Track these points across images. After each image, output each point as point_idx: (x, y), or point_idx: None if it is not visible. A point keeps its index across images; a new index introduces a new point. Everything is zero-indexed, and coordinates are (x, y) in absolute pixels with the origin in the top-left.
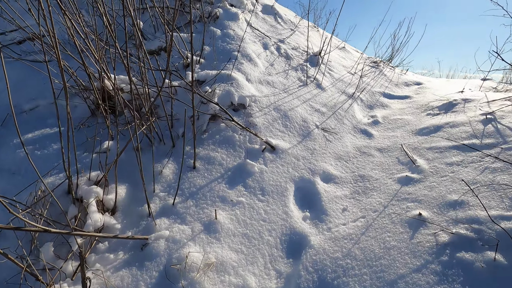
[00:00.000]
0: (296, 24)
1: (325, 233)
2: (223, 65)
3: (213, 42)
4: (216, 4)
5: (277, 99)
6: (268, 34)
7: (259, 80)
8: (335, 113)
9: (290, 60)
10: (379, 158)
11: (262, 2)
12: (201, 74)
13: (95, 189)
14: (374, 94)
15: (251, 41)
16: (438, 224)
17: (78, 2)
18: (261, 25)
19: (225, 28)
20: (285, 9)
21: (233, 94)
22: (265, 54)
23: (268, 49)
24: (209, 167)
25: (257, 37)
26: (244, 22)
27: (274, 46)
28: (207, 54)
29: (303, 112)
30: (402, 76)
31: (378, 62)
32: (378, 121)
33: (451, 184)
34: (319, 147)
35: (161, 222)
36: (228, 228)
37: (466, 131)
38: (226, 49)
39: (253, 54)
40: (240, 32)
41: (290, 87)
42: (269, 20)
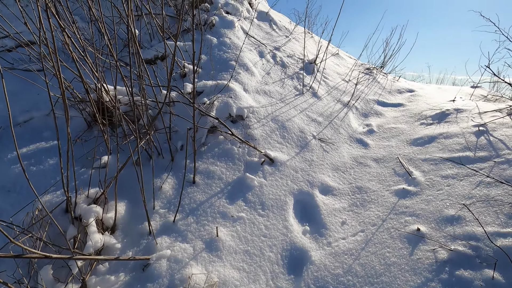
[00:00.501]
0: (291, 31)
1: (325, 248)
2: (220, 75)
3: (210, 51)
4: (211, 11)
5: (274, 109)
6: (263, 42)
7: (256, 90)
8: (332, 122)
9: (286, 68)
10: (375, 168)
11: (257, 9)
12: (198, 85)
13: (94, 208)
14: (369, 102)
15: (247, 50)
16: (436, 240)
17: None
18: (257, 32)
19: (221, 36)
20: (280, 15)
21: (231, 105)
22: (261, 62)
23: (264, 57)
24: (209, 182)
25: (253, 45)
26: (240, 30)
27: (270, 54)
28: (204, 64)
29: (300, 122)
30: (395, 83)
31: (371, 69)
32: (373, 130)
33: (448, 198)
34: (317, 158)
35: (162, 240)
36: (230, 245)
37: (459, 143)
38: (223, 58)
39: (249, 63)
40: (236, 40)
41: (287, 96)
42: (264, 27)
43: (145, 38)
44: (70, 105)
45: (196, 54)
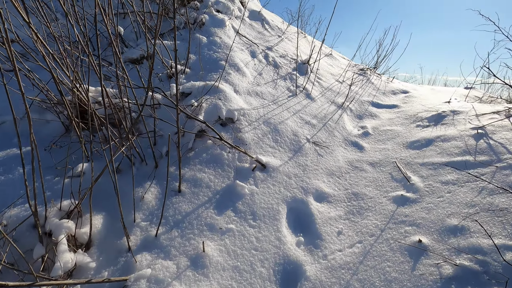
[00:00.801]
0: (283, 31)
1: (321, 261)
2: (209, 75)
3: (199, 50)
4: (201, 10)
5: (266, 111)
6: (255, 41)
7: (247, 91)
8: (326, 125)
9: (279, 68)
10: (372, 173)
11: (249, 8)
12: (186, 86)
13: (66, 224)
14: (363, 104)
15: (238, 49)
16: (440, 254)
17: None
18: (249, 31)
19: (212, 35)
20: (272, 15)
21: (220, 108)
22: (253, 62)
23: (256, 57)
24: (195, 190)
25: (244, 45)
26: (231, 29)
27: (262, 54)
28: (192, 63)
29: (293, 125)
30: (389, 84)
31: (365, 70)
32: (369, 132)
33: (449, 206)
34: (311, 163)
35: (143, 258)
36: (217, 261)
37: (458, 146)
38: (213, 58)
39: (241, 63)
40: (227, 39)
41: (280, 98)
42: (256, 27)
43: (131, 37)
44: (46, 107)
45: (183, 54)
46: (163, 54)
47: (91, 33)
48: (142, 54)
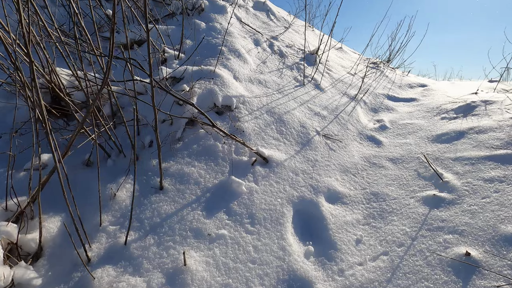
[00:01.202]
0: (290, 22)
1: (336, 278)
2: (206, 60)
3: (194, 34)
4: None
5: (270, 100)
6: (259, 30)
7: (249, 79)
8: (338, 117)
9: (285, 58)
10: (393, 170)
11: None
12: (178, 70)
13: (4, 228)
14: (378, 96)
15: (240, 36)
16: (498, 272)
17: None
18: (252, 20)
19: (211, 21)
20: (278, 8)
21: (216, 93)
22: (256, 50)
23: (260, 45)
24: (181, 188)
25: (247, 33)
26: (233, 17)
27: (266, 42)
28: (188, 49)
29: (301, 115)
30: (405, 78)
31: (378, 63)
32: (386, 126)
33: (500, 209)
34: (322, 158)
35: (104, 273)
36: (202, 277)
37: (499, 138)
38: (211, 43)
39: (242, 50)
40: (227, 25)
41: (285, 87)
42: (261, 17)
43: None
44: (13, 92)
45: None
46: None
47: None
48: (132, 38)
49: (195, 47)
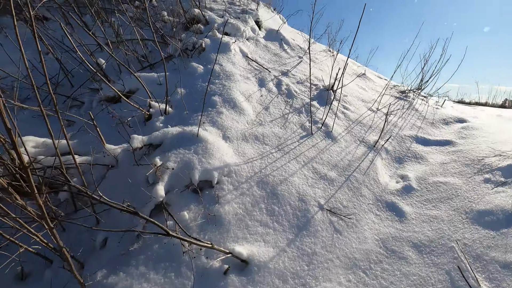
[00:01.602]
0: (305, 50)
1: None
2: (194, 116)
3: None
4: (205, 33)
5: (265, 164)
6: (268, 66)
7: (243, 136)
8: (350, 178)
9: (293, 99)
10: (417, 267)
11: (266, 27)
12: (155, 135)
13: None
14: (404, 140)
15: (242, 78)
16: None
17: None
18: (262, 54)
19: (210, 63)
20: (295, 33)
21: (193, 167)
22: (259, 93)
23: (265, 86)
24: None
25: (252, 72)
26: (238, 53)
27: (273, 81)
28: (177, 101)
29: (301, 183)
30: (439, 110)
31: (406, 92)
32: (412, 186)
33: None
34: (322, 248)
35: None
36: None
37: None
38: (205, 90)
39: (240, 98)
40: (229, 66)
41: (288, 141)
42: (272, 48)
43: (113, 71)
44: None
45: (171, 88)
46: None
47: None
48: (120, 90)
49: (187, 96)
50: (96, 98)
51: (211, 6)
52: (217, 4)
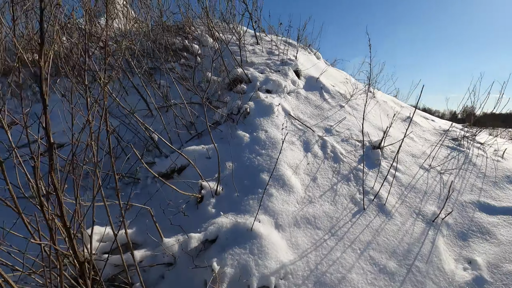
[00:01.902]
0: (346, 96)
1: None
2: (246, 200)
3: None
4: (248, 93)
5: (320, 257)
6: (311, 123)
7: (294, 220)
8: (411, 269)
9: (340, 163)
10: None
11: (306, 74)
12: (210, 231)
13: None
14: (465, 208)
15: (287, 144)
16: None
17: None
18: (303, 108)
19: (256, 129)
20: (334, 76)
21: (251, 272)
22: (305, 161)
23: (310, 150)
24: None
25: (296, 133)
26: (280, 113)
27: (318, 143)
28: (227, 178)
29: (360, 281)
30: (500, 164)
31: (459, 139)
32: (483, 277)
33: None
34: None
35: None
36: None
37: None
38: (253, 166)
39: (288, 172)
40: (274, 132)
41: (340, 222)
42: (313, 99)
43: (165, 138)
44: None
45: (220, 162)
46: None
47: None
48: (172, 167)
49: (235, 171)
50: (150, 175)
51: (252, 60)
52: (257, 56)
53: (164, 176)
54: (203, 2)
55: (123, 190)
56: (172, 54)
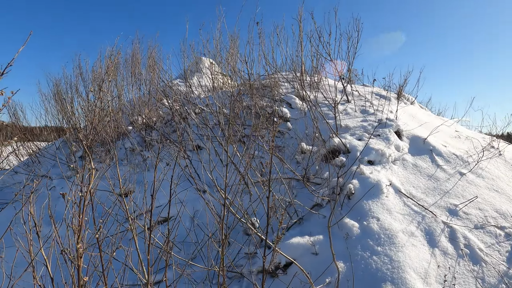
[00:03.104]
0: (464, 159)
1: None
2: None
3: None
4: (348, 164)
5: None
6: (428, 202)
7: None
8: None
9: (481, 265)
10: None
11: (408, 134)
12: None
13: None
14: None
15: (406, 237)
16: None
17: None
18: (414, 181)
19: (365, 216)
20: (443, 128)
21: None
22: (434, 263)
23: (437, 245)
24: None
25: (413, 219)
26: (390, 192)
27: (445, 232)
28: (341, 283)
29: None
30: None
31: None
32: None
33: None
34: None
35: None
36: None
37: None
38: (371, 271)
39: (417, 285)
40: (387, 219)
41: None
42: (423, 166)
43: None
44: None
45: (328, 258)
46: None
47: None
48: (276, 263)
49: (349, 276)
50: (254, 271)
51: (346, 123)
52: (350, 118)
53: (268, 272)
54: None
55: (228, 285)
56: (263, 119)
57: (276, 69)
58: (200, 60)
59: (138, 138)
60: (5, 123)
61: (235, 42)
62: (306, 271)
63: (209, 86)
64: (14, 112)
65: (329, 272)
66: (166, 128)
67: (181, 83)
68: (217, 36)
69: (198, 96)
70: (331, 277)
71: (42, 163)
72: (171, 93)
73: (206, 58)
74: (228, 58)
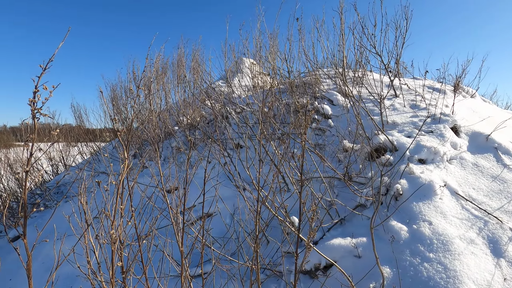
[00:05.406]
0: None
1: None
2: None
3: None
4: (395, 162)
5: None
6: (492, 207)
7: None
8: None
9: None
10: None
11: (467, 130)
12: None
13: None
14: None
15: (464, 244)
16: None
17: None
18: (474, 182)
19: (415, 219)
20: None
21: None
22: (499, 275)
23: (503, 255)
24: None
25: (473, 225)
26: (445, 194)
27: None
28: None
29: None
30: None
31: None
32: None
33: None
34: None
35: None
36: None
37: None
38: (421, 279)
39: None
40: (441, 223)
41: None
42: (486, 166)
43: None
44: None
45: (368, 267)
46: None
47: None
48: (316, 263)
49: (396, 283)
50: (292, 271)
51: (393, 119)
52: (398, 113)
53: (308, 273)
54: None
55: (265, 285)
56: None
57: (317, 65)
58: (240, 60)
59: (183, 137)
60: (70, 125)
61: (275, 40)
62: (347, 274)
63: (249, 86)
64: (78, 115)
65: (373, 276)
66: (208, 128)
67: (223, 83)
68: (257, 35)
69: (239, 96)
70: (375, 282)
71: (101, 161)
72: (213, 94)
73: (246, 58)
74: (268, 57)
